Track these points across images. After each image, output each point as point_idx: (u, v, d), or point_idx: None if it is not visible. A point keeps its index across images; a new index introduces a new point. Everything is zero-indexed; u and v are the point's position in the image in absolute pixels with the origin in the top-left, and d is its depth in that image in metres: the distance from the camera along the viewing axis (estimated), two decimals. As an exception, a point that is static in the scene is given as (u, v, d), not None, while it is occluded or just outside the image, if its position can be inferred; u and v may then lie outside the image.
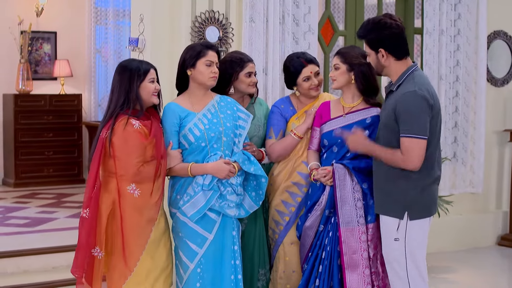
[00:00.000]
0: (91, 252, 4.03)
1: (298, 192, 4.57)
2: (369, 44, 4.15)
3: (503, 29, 7.67)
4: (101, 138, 4.04)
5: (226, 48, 5.77)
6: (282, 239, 4.58)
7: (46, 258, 5.82)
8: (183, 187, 4.23)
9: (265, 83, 5.89)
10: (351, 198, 4.31)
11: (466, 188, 7.23)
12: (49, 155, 9.79)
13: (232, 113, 4.36)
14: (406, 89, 4.01)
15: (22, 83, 9.72)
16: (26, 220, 7.21)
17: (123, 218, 4.01)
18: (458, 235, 7.44)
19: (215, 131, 4.23)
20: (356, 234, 4.28)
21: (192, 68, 4.28)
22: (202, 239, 4.22)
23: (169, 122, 4.23)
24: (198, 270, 4.21)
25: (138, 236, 4.04)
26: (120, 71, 4.13)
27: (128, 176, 4.00)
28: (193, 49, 4.31)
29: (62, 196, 8.85)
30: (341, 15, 8.58)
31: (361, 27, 4.21)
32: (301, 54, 4.70)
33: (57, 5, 10.19)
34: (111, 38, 10.45)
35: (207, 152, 4.22)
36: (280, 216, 4.59)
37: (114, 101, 4.08)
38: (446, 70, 6.96)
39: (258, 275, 4.60)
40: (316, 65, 4.65)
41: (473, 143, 7.21)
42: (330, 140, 4.43)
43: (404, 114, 3.95)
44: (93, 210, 4.03)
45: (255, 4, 5.82)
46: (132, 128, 4.00)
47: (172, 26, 5.66)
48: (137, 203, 4.02)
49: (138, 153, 4.00)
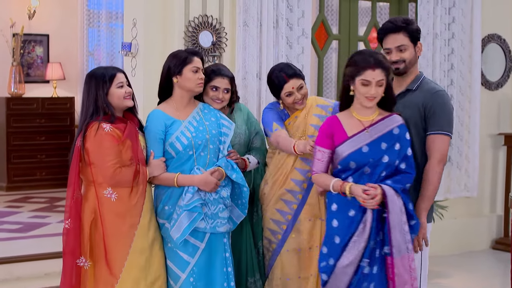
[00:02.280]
0: (76, 263, 4.00)
1: (293, 199, 4.53)
2: (410, 36, 4.05)
3: (497, 32, 7.67)
4: (76, 147, 4.02)
5: (220, 53, 5.75)
6: (280, 248, 4.55)
7: (39, 265, 5.79)
8: (171, 198, 4.18)
9: (259, 88, 5.87)
10: (400, 222, 3.80)
11: (461, 192, 7.21)
12: (42, 159, 9.74)
13: (216, 120, 4.32)
14: (435, 88, 4.04)
15: (14, 86, 9.67)
16: (19, 225, 7.17)
17: (103, 224, 3.99)
18: (452, 239, 7.43)
19: (201, 138, 4.20)
20: (407, 263, 3.81)
21: (178, 76, 4.23)
22: (194, 248, 4.18)
23: (154, 129, 4.18)
24: (191, 280, 4.17)
25: (120, 242, 4.01)
26: (87, 80, 4.11)
27: (105, 179, 3.97)
28: (178, 56, 4.26)
29: (54, 200, 8.80)
30: (335, 18, 8.55)
31: (394, 20, 4.10)
32: (284, 67, 4.55)
33: (49, 8, 10.14)
34: (103, 41, 10.40)
35: (193, 160, 4.18)
36: (277, 225, 4.55)
37: (84, 111, 4.07)
38: (440, 74, 6.94)
39: (247, 283, 4.57)
40: (300, 78, 4.50)
41: (467, 147, 7.20)
42: (359, 161, 3.85)
43: (439, 111, 3.96)
44: (74, 220, 4.01)
45: (249, 8, 5.80)
46: (103, 132, 3.96)
47: (165, 31, 5.64)
48: (115, 207, 4.00)
49: (111, 156, 3.96)
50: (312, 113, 4.57)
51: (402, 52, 4.06)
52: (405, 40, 4.05)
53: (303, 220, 4.53)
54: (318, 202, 4.53)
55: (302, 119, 4.57)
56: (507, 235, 7.65)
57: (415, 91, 4.07)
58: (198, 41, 5.63)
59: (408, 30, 4.05)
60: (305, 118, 4.56)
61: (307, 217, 4.53)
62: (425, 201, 3.97)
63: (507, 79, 7.81)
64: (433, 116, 3.97)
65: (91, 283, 4.05)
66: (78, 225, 4.01)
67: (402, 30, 4.05)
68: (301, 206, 4.53)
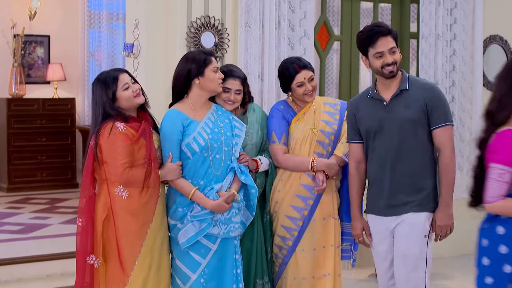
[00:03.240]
0: (86, 261, 4.00)
1: (303, 205, 4.55)
2: (395, 39, 4.17)
3: (499, 33, 7.65)
4: (90, 146, 4.05)
5: (222, 54, 5.74)
6: (295, 247, 4.56)
7: (40, 266, 5.79)
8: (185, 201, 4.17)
9: (260, 89, 5.85)
10: None
11: (462, 193, 7.16)
12: (42, 160, 9.74)
13: (229, 122, 4.32)
14: (428, 83, 4.28)
15: (15, 87, 9.67)
16: (20, 226, 7.16)
17: (115, 222, 4.00)
18: (454, 241, 7.36)
19: (217, 141, 4.19)
20: None
21: (201, 77, 4.21)
22: (206, 250, 4.19)
23: (171, 129, 4.15)
24: (201, 281, 4.18)
25: (131, 240, 4.01)
26: (93, 87, 4.12)
27: (116, 178, 3.98)
28: (197, 58, 4.24)
29: (55, 201, 8.79)
30: (337, 19, 8.55)
31: (380, 24, 4.27)
32: (295, 60, 4.65)
33: (50, 9, 10.14)
34: (104, 42, 10.40)
35: (209, 163, 4.17)
36: (293, 222, 4.57)
37: (94, 117, 4.08)
38: (442, 75, 6.93)
39: (255, 285, 4.56)
40: (310, 70, 4.61)
41: (469, 148, 7.18)
42: None
43: (442, 104, 4.12)
44: (86, 218, 4.03)
45: (251, 9, 5.79)
46: (117, 131, 3.96)
47: (167, 32, 5.63)
48: (127, 205, 4.00)
49: (123, 155, 3.96)
50: (321, 110, 4.65)
51: (394, 54, 4.14)
52: (394, 42, 4.15)
53: (318, 219, 4.56)
54: (332, 201, 4.59)
55: (312, 114, 4.63)
56: (509, 236, 7.64)
57: (410, 90, 4.14)
58: (200, 42, 5.62)
59: (393, 33, 4.16)
60: (314, 114, 4.63)
61: (322, 216, 4.57)
62: (448, 192, 4.13)
63: (509, 80, 7.79)
64: (436, 110, 4.09)
65: (103, 281, 4.06)
66: (90, 223, 4.03)
67: (390, 34, 4.15)
68: (317, 202, 4.55)
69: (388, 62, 4.10)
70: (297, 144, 4.59)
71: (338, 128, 4.62)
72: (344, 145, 4.54)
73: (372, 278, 6.45)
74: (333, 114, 4.64)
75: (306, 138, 4.58)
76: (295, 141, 4.60)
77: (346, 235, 4.69)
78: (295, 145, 4.60)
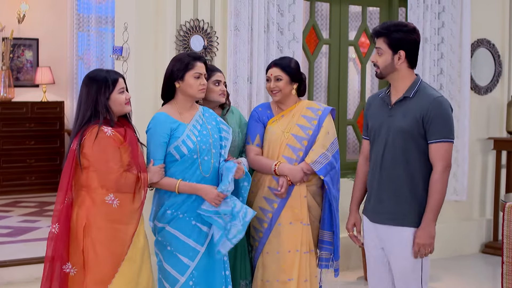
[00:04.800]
0: (62, 269, 3.89)
1: (269, 208, 4.56)
2: (390, 43, 3.98)
3: (486, 37, 7.71)
4: (71, 150, 3.93)
5: (211, 57, 5.75)
6: (261, 249, 4.56)
7: (29, 269, 5.78)
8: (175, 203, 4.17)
9: (249, 92, 5.88)
10: None
11: (450, 196, 7.24)
12: (31, 163, 9.73)
13: (216, 124, 4.33)
14: (432, 95, 3.95)
15: (4, 90, 9.66)
16: (9, 229, 7.16)
17: (97, 231, 3.89)
18: (442, 243, 7.42)
19: (205, 143, 4.20)
20: None
21: (180, 81, 4.21)
22: (194, 252, 4.18)
23: (159, 132, 4.14)
24: (190, 283, 4.17)
25: (114, 249, 3.93)
26: (87, 82, 4.00)
27: (109, 184, 3.89)
28: (181, 61, 4.23)
29: (44, 204, 8.79)
30: (326, 23, 8.58)
31: (382, 24, 4.09)
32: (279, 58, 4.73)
33: (39, 12, 10.13)
34: (93, 45, 10.40)
35: (198, 165, 4.18)
36: (259, 223, 4.58)
37: (81, 114, 3.96)
38: (430, 78, 6.97)
39: (239, 286, 4.58)
40: (282, 70, 4.55)
41: (456, 151, 7.22)
42: None
43: (439, 120, 3.90)
44: (63, 225, 3.90)
45: (240, 12, 5.81)
46: (104, 135, 3.88)
47: (156, 35, 5.64)
48: (116, 214, 3.92)
49: (116, 160, 3.90)
50: (300, 114, 4.62)
51: (378, 55, 4.03)
52: (383, 45, 4.00)
53: (283, 223, 4.53)
54: (300, 206, 4.54)
55: (290, 118, 4.62)
56: (497, 239, 7.68)
57: (412, 98, 3.98)
58: (189, 45, 5.63)
59: (389, 37, 4.00)
60: (293, 117, 4.61)
61: (288, 220, 4.53)
62: (433, 211, 3.91)
63: (496, 84, 7.84)
64: (433, 125, 3.90)
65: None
66: (67, 230, 3.91)
67: (384, 36, 4.01)
68: (281, 206, 4.53)
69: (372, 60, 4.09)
70: (269, 146, 4.60)
71: (314, 134, 4.56)
72: (314, 153, 4.49)
73: (361, 280, 6.48)
74: (311, 119, 4.59)
75: (276, 141, 4.57)
76: (267, 143, 4.61)
77: (325, 244, 4.61)
78: (267, 147, 4.60)
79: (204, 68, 4.28)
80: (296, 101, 4.67)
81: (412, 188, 3.96)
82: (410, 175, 3.96)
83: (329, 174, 4.51)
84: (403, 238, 3.98)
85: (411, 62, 4.02)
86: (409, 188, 3.96)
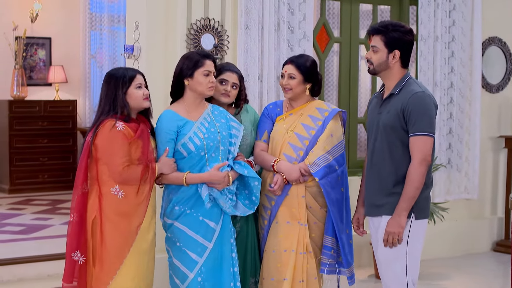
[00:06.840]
0: (71, 256, 4.04)
1: (268, 205, 4.58)
2: (386, 41, 4.09)
3: (497, 35, 7.69)
4: (86, 142, 4.09)
5: (222, 56, 5.77)
6: (264, 244, 4.58)
7: (41, 266, 5.80)
8: (182, 199, 4.22)
9: (260, 90, 5.89)
10: None
11: (461, 194, 7.24)
12: (44, 161, 9.77)
13: (225, 122, 4.37)
14: (412, 90, 4.06)
15: (17, 89, 9.70)
16: (21, 227, 7.19)
17: (104, 223, 4.02)
18: (453, 241, 7.45)
19: (213, 140, 4.24)
20: None
21: (189, 78, 4.26)
22: (202, 248, 4.22)
23: (165, 129, 4.20)
24: (198, 279, 4.21)
25: (120, 241, 4.04)
26: (107, 79, 4.17)
27: (113, 176, 4.01)
28: (190, 58, 4.29)
29: (57, 202, 8.82)
30: (336, 21, 8.57)
31: (380, 22, 4.19)
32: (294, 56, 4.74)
33: (51, 11, 10.18)
34: (106, 44, 10.44)
35: (205, 161, 4.22)
36: (262, 220, 4.63)
37: (101, 108, 4.13)
38: (440, 76, 6.97)
39: (249, 283, 4.60)
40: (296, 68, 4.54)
41: (468, 149, 7.22)
42: None
43: (416, 114, 4.00)
44: (79, 215, 4.06)
45: (250, 11, 5.83)
46: (115, 130, 4.01)
47: (167, 34, 5.67)
48: (121, 206, 4.04)
49: (122, 153, 4.00)
50: (307, 114, 4.61)
51: (373, 53, 4.15)
52: (379, 43, 4.11)
53: (281, 222, 4.53)
54: (298, 205, 4.51)
55: (297, 117, 4.62)
56: (508, 237, 7.66)
57: (397, 95, 4.11)
58: (200, 43, 5.65)
59: (386, 35, 4.10)
60: (300, 116, 4.61)
61: (285, 219, 4.52)
62: (405, 201, 4.02)
63: (508, 82, 7.82)
64: (411, 119, 4.01)
65: (90, 281, 4.08)
66: (83, 219, 4.06)
67: (381, 34, 4.11)
68: (278, 204, 4.53)
69: (366, 57, 4.19)
70: (272, 143, 4.62)
71: (316, 134, 4.53)
72: (313, 154, 4.46)
73: (371, 278, 6.48)
74: (316, 120, 4.56)
75: (279, 138, 4.58)
76: (272, 140, 4.63)
77: (326, 249, 4.55)
78: (271, 144, 4.62)
79: (213, 67, 4.31)
80: (308, 100, 4.65)
81: (396, 180, 4.09)
82: (394, 168, 4.10)
83: (327, 177, 4.45)
84: (380, 226, 4.14)
85: (404, 62, 4.16)
86: (393, 180, 4.09)
